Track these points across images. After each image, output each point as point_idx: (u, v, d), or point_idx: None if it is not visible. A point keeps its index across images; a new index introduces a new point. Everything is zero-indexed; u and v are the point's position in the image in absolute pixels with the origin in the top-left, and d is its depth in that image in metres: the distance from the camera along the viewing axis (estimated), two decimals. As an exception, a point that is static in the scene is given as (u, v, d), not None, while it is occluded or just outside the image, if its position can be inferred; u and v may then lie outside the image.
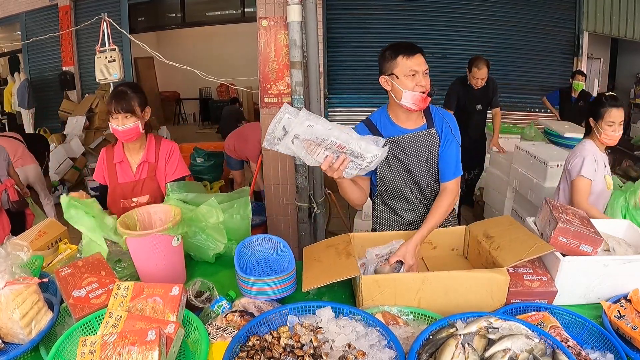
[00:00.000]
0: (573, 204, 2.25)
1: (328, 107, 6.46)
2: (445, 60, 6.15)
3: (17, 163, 3.94)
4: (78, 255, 1.75)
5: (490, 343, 1.13)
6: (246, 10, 7.41)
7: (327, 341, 1.19)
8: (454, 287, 1.39)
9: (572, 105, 5.39)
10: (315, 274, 1.50)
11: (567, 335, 1.23)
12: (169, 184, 1.91)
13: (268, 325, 1.27)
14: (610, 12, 6.33)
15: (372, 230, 1.99)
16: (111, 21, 5.04)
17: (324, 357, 1.13)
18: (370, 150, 1.36)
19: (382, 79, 1.68)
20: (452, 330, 1.17)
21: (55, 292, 1.44)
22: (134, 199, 2.03)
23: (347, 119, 6.40)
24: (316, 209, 3.06)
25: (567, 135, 4.04)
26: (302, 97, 2.82)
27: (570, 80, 5.39)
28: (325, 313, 1.27)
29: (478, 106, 4.16)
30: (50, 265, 1.74)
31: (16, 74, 7.68)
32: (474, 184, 4.75)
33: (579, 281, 1.45)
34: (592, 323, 1.30)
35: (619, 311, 1.33)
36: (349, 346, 1.17)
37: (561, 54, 6.47)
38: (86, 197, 1.78)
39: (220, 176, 5.46)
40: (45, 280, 1.36)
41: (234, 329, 1.24)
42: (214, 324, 1.28)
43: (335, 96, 6.53)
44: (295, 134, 1.32)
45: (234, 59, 9.73)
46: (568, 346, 1.17)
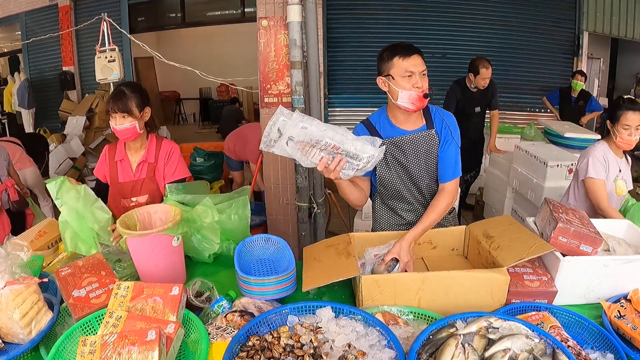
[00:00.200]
0: (594, 207, 2.22)
1: (328, 107, 6.45)
2: (445, 60, 6.14)
3: (15, 167, 3.93)
4: (65, 253, 1.75)
5: (490, 343, 1.13)
6: (246, 10, 7.40)
7: (327, 341, 1.19)
8: (454, 287, 1.39)
9: (572, 105, 5.39)
10: (315, 274, 1.50)
11: (567, 335, 1.23)
12: (168, 186, 1.91)
13: (268, 325, 1.27)
14: (610, 12, 6.33)
15: (372, 230, 1.98)
16: (111, 21, 5.03)
17: (324, 357, 1.13)
18: (366, 150, 1.35)
19: (380, 80, 1.67)
20: (452, 330, 1.18)
21: (55, 292, 1.44)
22: (133, 199, 2.03)
23: (347, 119, 6.40)
24: (316, 209, 3.06)
25: (567, 135, 4.06)
26: (302, 97, 2.82)
27: (570, 80, 5.39)
28: (325, 313, 1.27)
29: (477, 108, 4.11)
30: (50, 265, 1.74)
31: (16, 74, 7.67)
32: (469, 187, 4.70)
33: (579, 281, 1.45)
34: (592, 323, 1.30)
35: (619, 311, 1.33)
36: (349, 346, 1.17)
37: (561, 54, 6.46)
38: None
39: (220, 176, 5.45)
40: (45, 280, 1.36)
41: (234, 329, 1.24)
42: (214, 324, 1.28)
43: (335, 96, 6.52)
44: (289, 136, 1.32)
45: (234, 59, 9.72)
46: (568, 346, 1.17)
